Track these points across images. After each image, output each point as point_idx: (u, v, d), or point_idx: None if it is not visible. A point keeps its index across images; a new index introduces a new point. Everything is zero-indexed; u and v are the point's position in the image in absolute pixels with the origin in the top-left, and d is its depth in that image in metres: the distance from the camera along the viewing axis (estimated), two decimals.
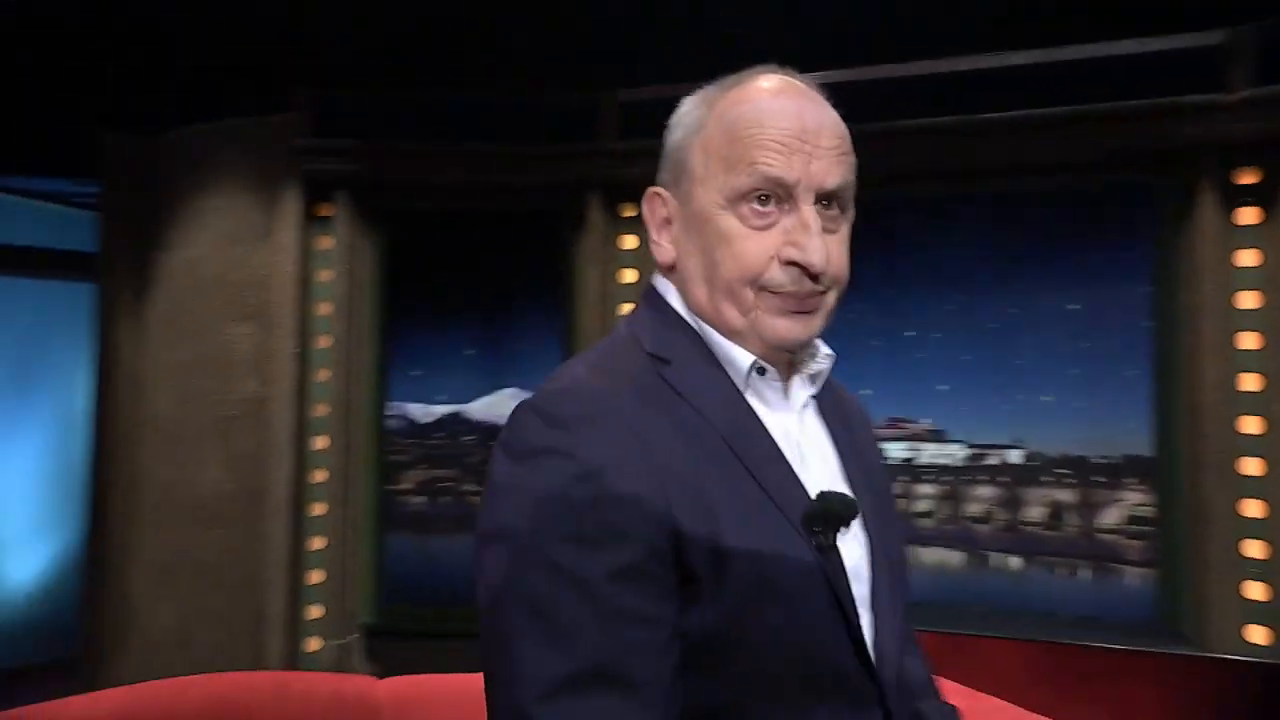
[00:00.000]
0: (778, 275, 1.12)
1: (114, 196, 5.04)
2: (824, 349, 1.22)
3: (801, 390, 1.21)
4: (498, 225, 4.79)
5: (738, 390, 1.15)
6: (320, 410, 4.65)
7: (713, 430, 1.09)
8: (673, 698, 1.00)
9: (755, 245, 1.12)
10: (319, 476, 4.63)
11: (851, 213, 1.22)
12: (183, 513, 4.78)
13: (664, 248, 1.23)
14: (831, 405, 1.27)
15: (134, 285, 5.03)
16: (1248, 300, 3.66)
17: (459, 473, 4.97)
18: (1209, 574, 3.66)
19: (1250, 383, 3.64)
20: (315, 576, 4.61)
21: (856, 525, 1.13)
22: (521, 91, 4.60)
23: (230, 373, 4.78)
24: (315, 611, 4.61)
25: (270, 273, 4.66)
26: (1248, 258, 3.65)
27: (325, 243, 4.67)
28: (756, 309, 1.13)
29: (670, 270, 1.23)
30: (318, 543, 4.62)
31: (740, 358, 1.15)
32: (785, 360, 1.20)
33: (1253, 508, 3.62)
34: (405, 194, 4.70)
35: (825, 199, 1.14)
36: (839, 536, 1.08)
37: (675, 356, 1.14)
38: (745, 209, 1.13)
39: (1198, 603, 3.68)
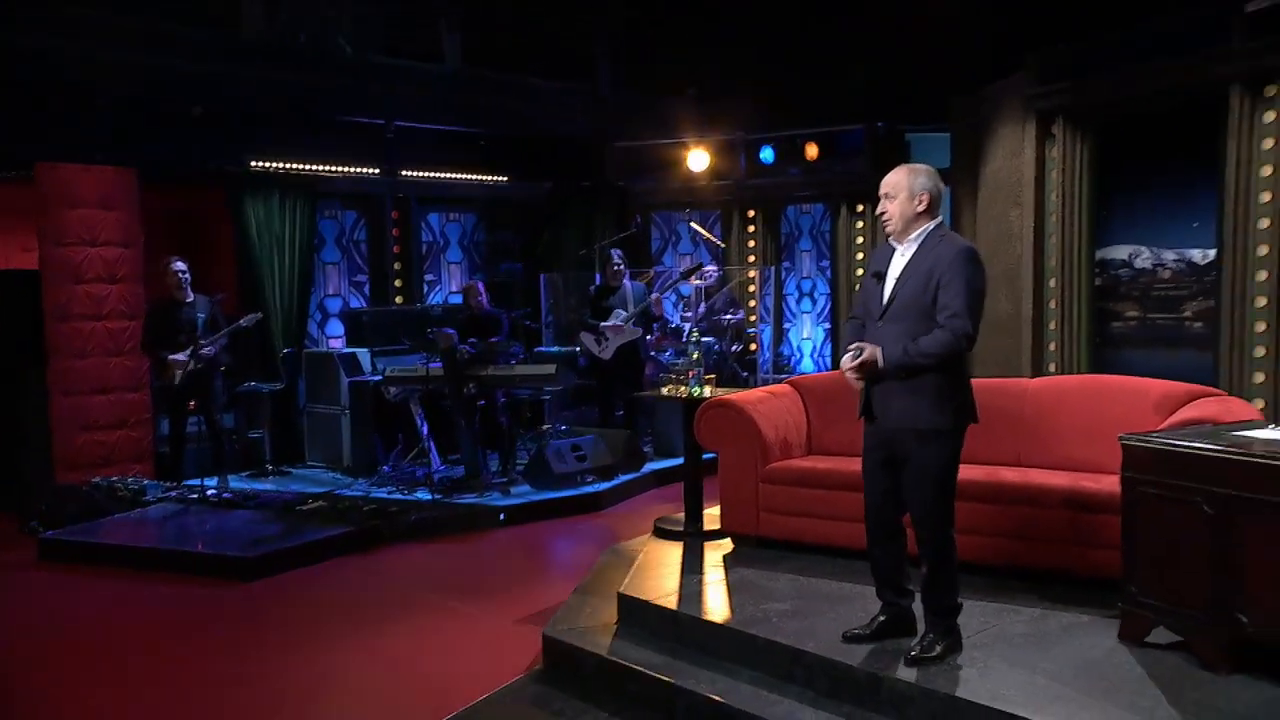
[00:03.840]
0: None
1: (957, 133, 8.35)
2: (912, 238, 3.72)
3: (905, 244, 3.46)
4: (1163, 123, 6.55)
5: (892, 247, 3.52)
6: (1052, 260, 7.25)
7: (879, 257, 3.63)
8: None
9: None
10: (1052, 303, 7.28)
11: (904, 194, 3.49)
12: (990, 325, 7.99)
13: None
14: (931, 248, 3.53)
15: (969, 187, 8.30)
16: None
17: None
18: None
19: None
20: (1052, 366, 7.33)
21: (890, 279, 3.44)
22: (1162, 22, 6.25)
23: (1010, 239, 7.71)
24: None
25: (1022, 175, 7.39)
26: None
27: (1053, 153, 7.15)
28: None
29: None
30: (1052, 345, 7.31)
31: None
32: (898, 236, 3.48)
33: None
34: (1100, 111, 6.83)
35: (879, 196, 3.52)
36: (882, 280, 3.44)
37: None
38: None
39: None
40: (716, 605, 4.16)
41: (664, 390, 5.52)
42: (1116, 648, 3.44)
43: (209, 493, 7.00)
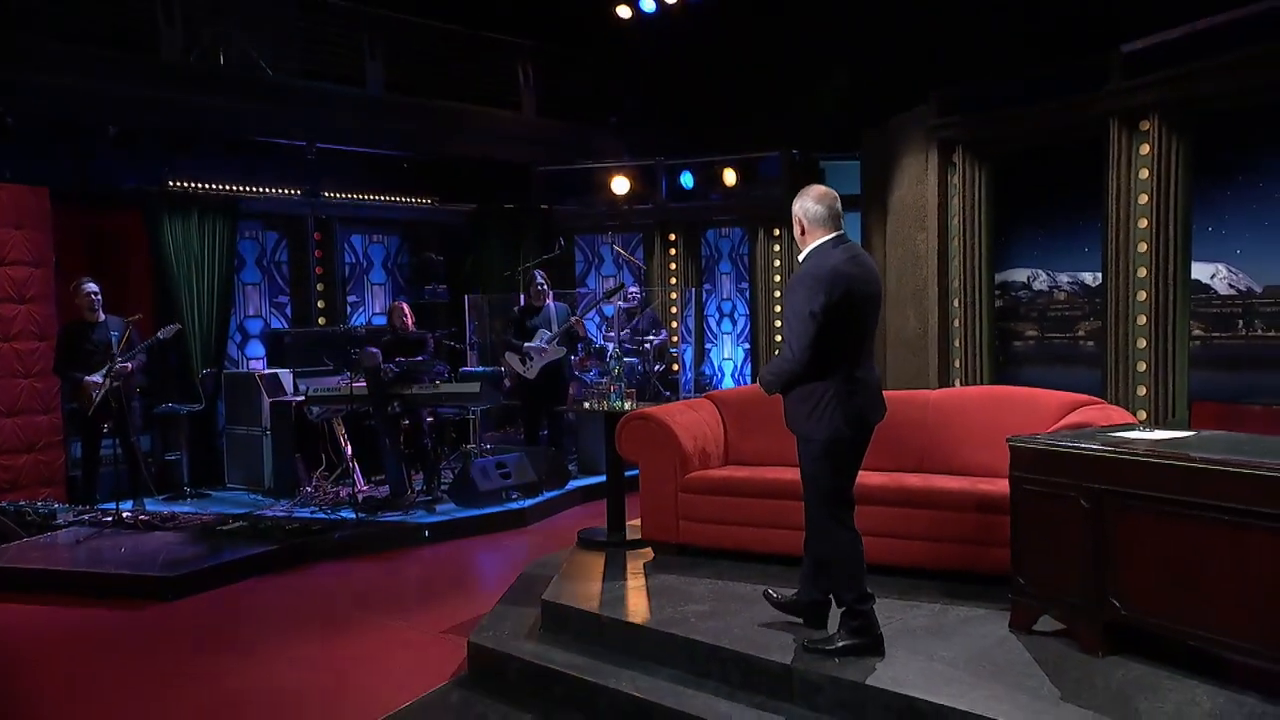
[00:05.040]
0: None
1: (867, 161, 8.75)
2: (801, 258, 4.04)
3: None
4: (1054, 154, 7.01)
5: None
6: (955, 281, 7.65)
7: None
8: None
9: None
10: (956, 322, 7.67)
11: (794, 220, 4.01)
12: (899, 342, 8.36)
13: None
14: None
15: (879, 212, 8.70)
16: None
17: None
18: None
19: None
20: (956, 382, 7.70)
21: None
22: (1050, 62, 6.72)
23: (917, 261, 8.11)
24: None
25: (926, 201, 7.79)
26: None
27: (955, 180, 7.57)
28: None
29: None
30: (956, 362, 7.69)
31: None
32: None
33: None
34: (997, 144, 7.27)
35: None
36: None
37: None
38: None
39: None
40: (637, 608, 4.32)
41: (586, 404, 5.68)
42: (1007, 636, 3.70)
43: (124, 515, 6.88)
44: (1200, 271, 6.59)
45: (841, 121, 9.12)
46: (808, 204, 3.67)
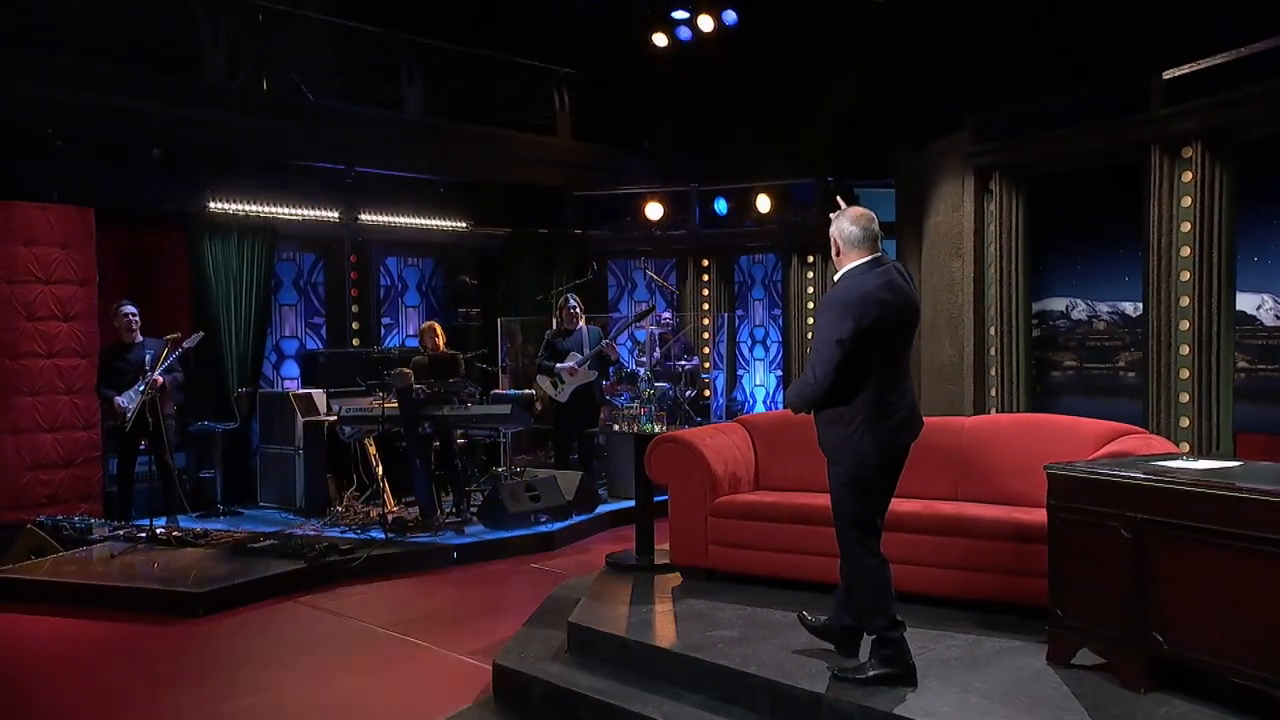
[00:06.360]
0: None
1: (902, 188, 8.70)
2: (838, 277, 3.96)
3: None
4: (1093, 181, 6.92)
5: None
6: (991, 310, 7.55)
7: None
8: None
9: None
10: (992, 351, 7.57)
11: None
12: (934, 371, 8.26)
13: None
14: None
15: (914, 238, 8.63)
16: None
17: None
18: None
19: None
20: (992, 411, 7.59)
21: None
22: (1089, 88, 6.65)
23: (953, 288, 8.02)
24: None
25: (963, 227, 7.72)
26: None
27: (991, 207, 7.50)
28: None
29: None
30: (993, 391, 7.58)
31: None
32: None
33: None
34: (1034, 170, 7.20)
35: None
36: None
37: None
38: None
39: None
40: (664, 633, 4.27)
41: (616, 427, 5.66)
42: (1044, 669, 3.60)
43: (158, 531, 6.93)
44: (1245, 302, 6.45)
45: (877, 148, 9.09)
46: (844, 225, 3.63)
